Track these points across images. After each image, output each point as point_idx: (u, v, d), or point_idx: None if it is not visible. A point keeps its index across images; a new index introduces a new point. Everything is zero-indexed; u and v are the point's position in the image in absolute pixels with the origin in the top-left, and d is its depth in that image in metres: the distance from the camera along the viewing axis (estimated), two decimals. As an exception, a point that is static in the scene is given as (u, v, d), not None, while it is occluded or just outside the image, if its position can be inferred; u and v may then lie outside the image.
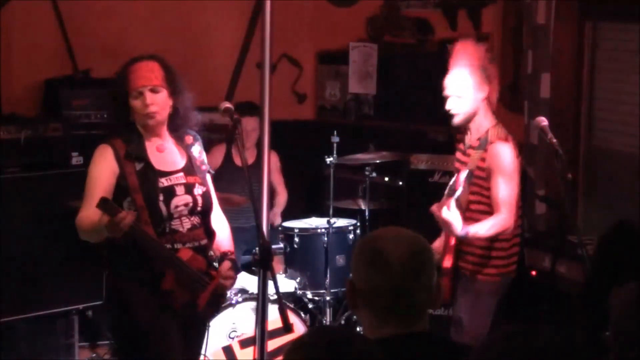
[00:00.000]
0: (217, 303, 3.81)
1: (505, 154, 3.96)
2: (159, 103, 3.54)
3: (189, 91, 3.68)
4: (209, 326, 4.00)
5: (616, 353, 2.13)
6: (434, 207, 3.95)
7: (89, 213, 3.40)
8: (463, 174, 3.94)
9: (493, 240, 4.04)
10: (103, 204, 3.27)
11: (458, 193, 3.87)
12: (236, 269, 3.80)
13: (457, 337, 4.03)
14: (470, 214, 4.04)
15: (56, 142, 5.23)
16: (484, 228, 3.93)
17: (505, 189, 3.94)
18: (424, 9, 6.31)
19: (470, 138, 4.11)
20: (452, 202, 3.85)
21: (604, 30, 5.34)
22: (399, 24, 6.45)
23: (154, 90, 3.53)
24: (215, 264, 3.74)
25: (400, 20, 6.44)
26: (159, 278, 3.52)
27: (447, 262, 4.11)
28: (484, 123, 4.07)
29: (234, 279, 3.76)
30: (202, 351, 4.01)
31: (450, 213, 3.83)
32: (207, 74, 6.34)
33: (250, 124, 5.32)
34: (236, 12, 6.58)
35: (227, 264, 3.71)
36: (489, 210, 4.00)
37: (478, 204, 4.04)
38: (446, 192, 3.97)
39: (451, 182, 3.96)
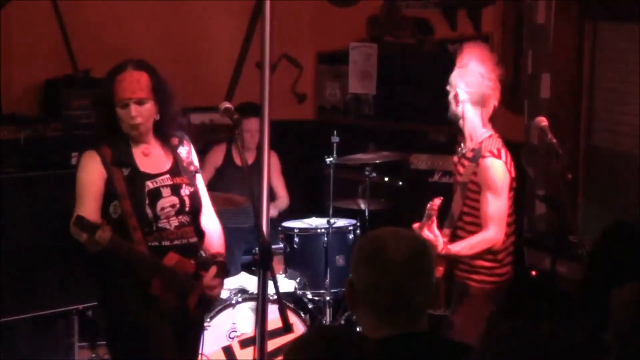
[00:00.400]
0: (208, 304, 3.80)
1: (494, 170, 3.95)
2: (143, 115, 3.56)
3: (177, 96, 3.68)
4: (204, 327, 3.98)
5: (616, 354, 2.13)
6: (415, 227, 3.97)
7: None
8: (438, 200, 3.95)
9: (490, 250, 4.04)
10: (79, 222, 3.31)
11: (433, 219, 3.90)
12: (224, 272, 3.78)
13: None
14: (462, 224, 4.06)
15: (56, 142, 5.23)
16: (467, 247, 3.96)
17: (494, 205, 3.94)
18: (424, 9, 6.31)
19: (466, 146, 4.12)
20: (433, 225, 3.88)
21: (604, 30, 5.34)
22: (399, 24, 6.45)
23: (139, 103, 3.54)
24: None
25: (400, 20, 6.44)
26: (147, 283, 3.53)
27: (439, 272, 4.11)
28: (478, 132, 4.06)
29: (219, 286, 3.74)
30: (200, 350, 4.01)
31: (430, 235, 3.87)
32: (207, 74, 6.34)
33: (255, 125, 5.31)
34: (236, 12, 6.58)
35: (212, 271, 3.69)
36: (481, 222, 4.00)
37: (471, 216, 4.05)
38: (425, 214, 3.97)
39: (428, 206, 3.96)
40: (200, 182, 3.80)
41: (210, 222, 3.83)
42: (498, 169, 3.96)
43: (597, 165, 5.39)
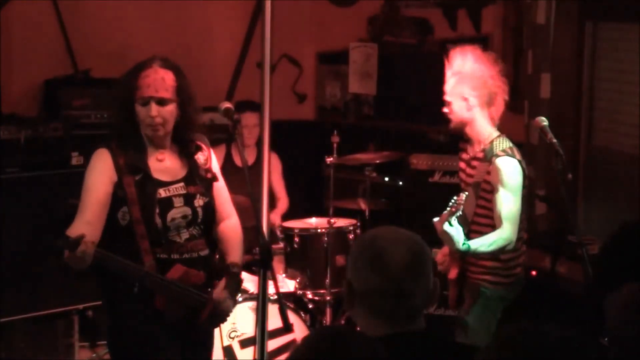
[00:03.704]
0: (220, 316, 3.60)
1: (508, 168, 3.91)
2: (164, 115, 3.39)
3: (197, 98, 3.51)
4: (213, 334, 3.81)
5: (614, 355, 2.12)
6: (436, 221, 3.89)
7: (76, 230, 3.24)
8: (464, 195, 3.87)
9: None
10: (65, 242, 3.12)
11: (458, 214, 3.82)
12: (237, 284, 3.61)
13: (460, 338, 4.01)
14: (476, 227, 4.02)
15: (56, 142, 5.23)
16: (486, 244, 3.88)
17: (508, 204, 3.90)
18: (424, 9, 6.31)
19: (474, 149, 4.09)
20: (454, 218, 3.81)
21: (604, 30, 5.34)
22: (399, 24, 6.45)
23: (161, 103, 3.37)
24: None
25: (400, 20, 6.44)
26: (152, 295, 3.39)
27: (453, 274, 4.09)
28: (485, 133, 4.04)
29: (228, 300, 3.55)
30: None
31: (452, 228, 3.80)
32: (207, 74, 6.34)
33: (252, 120, 5.35)
34: (236, 12, 6.58)
35: (221, 284, 3.53)
36: (494, 223, 3.97)
37: (484, 218, 4.00)
38: (448, 208, 3.86)
39: (452, 202, 3.87)
40: (219, 189, 3.63)
41: (232, 228, 3.67)
42: (513, 167, 3.93)
43: (597, 165, 5.39)
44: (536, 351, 1.59)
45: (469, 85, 4.01)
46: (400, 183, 5.83)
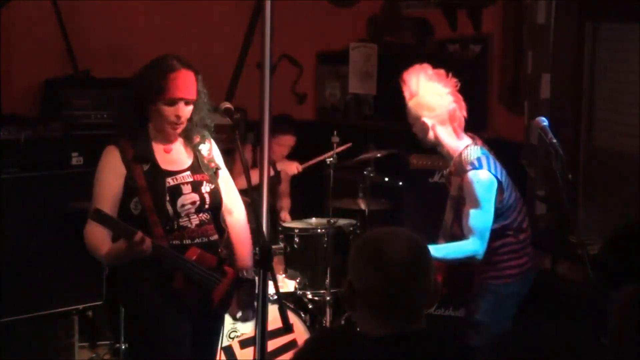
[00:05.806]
0: (231, 300, 3.78)
1: (477, 183, 3.92)
2: (186, 115, 3.59)
3: (209, 99, 3.70)
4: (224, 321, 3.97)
5: (613, 356, 2.12)
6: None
7: (96, 230, 3.42)
8: None
9: (502, 244, 4.03)
10: (96, 215, 3.32)
11: None
12: (251, 290, 3.75)
13: (475, 340, 3.99)
14: (456, 240, 4.04)
15: (56, 142, 5.24)
16: (452, 250, 3.93)
17: (475, 219, 3.91)
18: (424, 9, 6.31)
19: (450, 164, 4.11)
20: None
21: (604, 30, 5.34)
22: (399, 24, 6.45)
23: (187, 103, 3.57)
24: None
25: (400, 20, 6.44)
26: (169, 277, 3.53)
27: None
28: (453, 148, 4.05)
29: (249, 307, 3.76)
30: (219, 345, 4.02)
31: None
32: (207, 74, 6.32)
33: (291, 141, 5.72)
34: (236, 12, 6.59)
35: (235, 301, 3.74)
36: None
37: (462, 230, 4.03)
38: None
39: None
40: (223, 179, 3.78)
41: (238, 227, 3.81)
42: (479, 180, 3.93)
43: (597, 165, 5.39)
44: (535, 351, 1.59)
45: (424, 107, 4.05)
46: (400, 183, 5.83)
